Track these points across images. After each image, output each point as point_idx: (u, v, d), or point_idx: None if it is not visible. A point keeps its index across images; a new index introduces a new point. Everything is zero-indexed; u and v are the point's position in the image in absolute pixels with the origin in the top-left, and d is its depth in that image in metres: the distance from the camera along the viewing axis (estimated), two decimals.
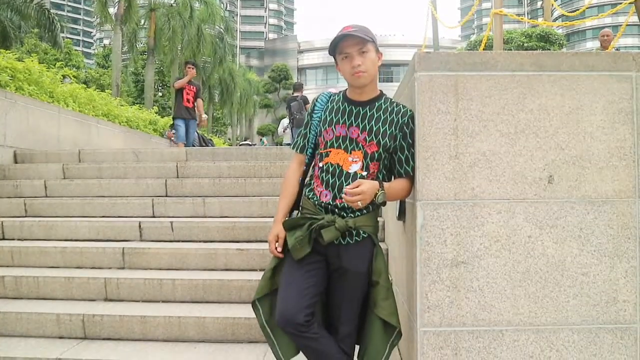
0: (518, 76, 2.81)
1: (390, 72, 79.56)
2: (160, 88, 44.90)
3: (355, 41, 2.78)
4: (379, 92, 2.98)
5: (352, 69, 2.82)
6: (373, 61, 2.85)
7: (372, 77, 2.89)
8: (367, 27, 2.85)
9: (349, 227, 2.84)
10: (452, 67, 2.78)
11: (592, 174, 2.81)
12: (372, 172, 2.88)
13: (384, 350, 2.94)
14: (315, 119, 3.06)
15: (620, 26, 28.10)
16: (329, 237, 2.81)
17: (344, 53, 2.83)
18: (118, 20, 28.83)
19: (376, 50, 2.85)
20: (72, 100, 10.68)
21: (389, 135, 2.85)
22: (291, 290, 2.88)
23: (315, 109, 3.08)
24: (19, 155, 8.07)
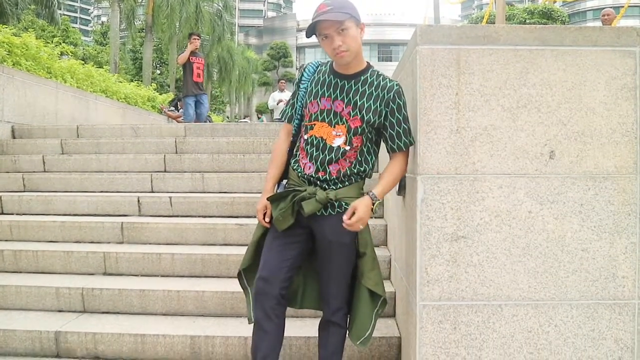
0: (520, 50, 2.79)
1: (389, 51, 79.28)
2: (159, 66, 44.70)
3: (331, 22, 2.72)
4: (365, 65, 2.94)
5: (333, 50, 2.78)
6: (354, 37, 2.79)
7: (356, 52, 2.84)
8: (346, 2, 2.79)
9: (329, 200, 2.86)
10: (455, 41, 2.76)
11: (593, 149, 2.80)
12: (356, 146, 2.88)
13: (370, 320, 3.00)
14: (302, 89, 3.04)
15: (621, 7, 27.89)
16: (309, 209, 2.83)
17: (323, 35, 2.78)
18: None
19: (357, 24, 2.79)
20: (70, 76, 10.62)
21: (372, 110, 2.83)
22: (271, 261, 2.96)
23: (302, 79, 3.06)
24: (17, 131, 8.04)
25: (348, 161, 2.90)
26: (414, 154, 2.89)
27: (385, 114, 2.85)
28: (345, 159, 2.89)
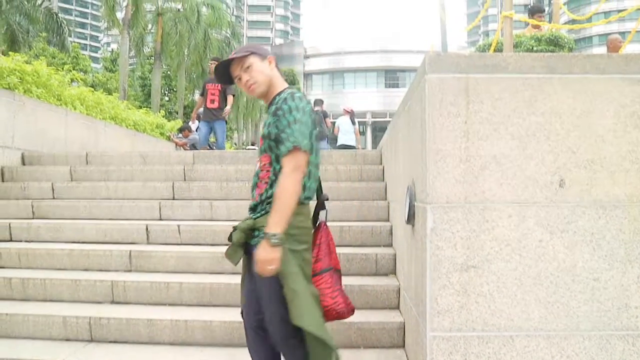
0: (529, 79, 2.79)
1: (396, 77, 79.55)
2: (167, 92, 44.99)
3: (236, 63, 2.90)
4: (279, 91, 2.93)
5: (245, 87, 2.91)
6: (260, 70, 2.88)
7: (266, 82, 2.90)
8: (249, 44, 2.99)
9: (249, 228, 2.79)
10: (463, 69, 2.76)
11: (603, 178, 2.79)
12: (264, 164, 2.84)
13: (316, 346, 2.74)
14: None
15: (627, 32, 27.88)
16: (234, 239, 2.81)
17: (236, 77, 2.95)
18: (125, 25, 28.87)
19: (261, 57, 2.89)
20: (79, 103, 10.69)
21: (268, 123, 2.81)
22: (243, 294, 3.04)
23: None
24: (27, 157, 8.08)
25: (264, 182, 2.81)
26: (423, 182, 2.88)
27: (274, 122, 2.75)
28: (261, 181, 2.82)
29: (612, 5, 76.43)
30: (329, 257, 2.98)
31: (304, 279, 2.72)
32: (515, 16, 5.35)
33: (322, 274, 2.93)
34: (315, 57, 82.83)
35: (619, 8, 73.46)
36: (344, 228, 5.58)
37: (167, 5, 32.46)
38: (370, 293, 4.59)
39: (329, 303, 2.89)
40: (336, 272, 3.01)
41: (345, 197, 6.44)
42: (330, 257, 2.99)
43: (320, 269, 2.94)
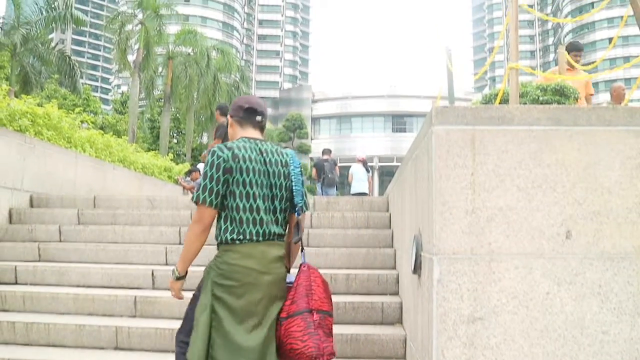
0: (535, 131, 2.81)
1: (403, 122, 79.99)
2: (175, 135, 45.36)
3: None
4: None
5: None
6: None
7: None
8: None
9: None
10: (469, 121, 2.79)
11: (610, 229, 2.78)
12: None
13: None
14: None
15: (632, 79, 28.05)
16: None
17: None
18: (136, 68, 29.36)
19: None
20: (89, 146, 10.81)
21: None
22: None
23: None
24: (35, 200, 8.13)
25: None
26: (429, 233, 2.88)
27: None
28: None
29: (617, 52, 77.18)
30: (307, 299, 2.99)
31: (209, 312, 2.96)
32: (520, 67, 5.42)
33: (294, 316, 2.95)
34: (323, 102, 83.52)
35: (624, 55, 74.10)
36: (350, 276, 5.56)
37: (178, 49, 32.96)
38: (377, 342, 4.55)
39: (299, 346, 2.91)
40: (319, 313, 3.00)
41: (352, 244, 6.44)
42: (310, 299, 2.99)
43: (294, 312, 2.97)
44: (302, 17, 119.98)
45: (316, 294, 3.02)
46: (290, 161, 3.17)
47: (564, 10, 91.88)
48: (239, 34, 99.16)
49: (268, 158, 3.09)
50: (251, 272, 2.96)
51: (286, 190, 3.13)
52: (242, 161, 2.99)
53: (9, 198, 7.66)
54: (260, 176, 3.04)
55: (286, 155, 3.19)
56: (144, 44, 28.91)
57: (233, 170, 2.97)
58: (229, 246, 3.01)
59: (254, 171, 3.01)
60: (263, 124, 3.23)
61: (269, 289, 3.00)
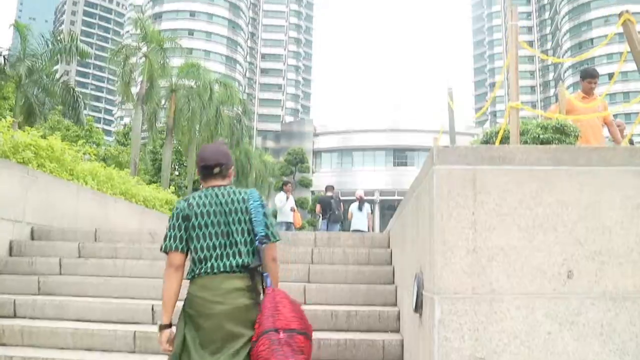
0: (535, 170, 2.83)
1: (404, 156, 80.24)
2: (177, 167, 45.48)
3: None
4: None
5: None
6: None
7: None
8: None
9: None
10: (470, 161, 2.82)
11: (612, 269, 2.79)
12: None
13: None
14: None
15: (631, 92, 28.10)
16: None
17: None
18: (139, 100, 29.53)
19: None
20: (91, 178, 10.82)
21: None
22: None
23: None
24: (36, 232, 8.13)
25: None
26: (430, 272, 2.88)
27: None
28: None
29: (617, 87, 77.59)
30: (272, 319, 3.10)
31: (182, 335, 3.24)
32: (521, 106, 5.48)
33: (261, 336, 3.08)
34: (325, 135, 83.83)
35: (624, 90, 74.47)
36: (351, 312, 5.53)
37: (181, 82, 33.21)
38: None
39: None
40: (287, 332, 3.08)
41: (353, 280, 6.41)
42: (275, 319, 3.10)
43: (260, 332, 3.10)
44: (305, 52, 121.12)
45: (282, 314, 3.13)
46: (248, 197, 3.43)
47: (563, 46, 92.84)
48: (241, 67, 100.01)
49: (224, 199, 3.39)
50: (205, 303, 3.20)
51: (245, 223, 3.37)
52: (196, 208, 3.35)
53: (10, 230, 7.67)
54: (216, 216, 3.34)
55: (245, 193, 3.46)
56: (148, 77, 29.14)
57: (190, 217, 3.34)
58: (191, 280, 3.33)
59: (209, 214, 3.34)
60: (223, 173, 3.50)
61: (226, 318, 3.17)
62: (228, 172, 3.54)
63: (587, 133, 7.05)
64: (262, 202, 3.45)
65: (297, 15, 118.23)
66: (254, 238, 3.36)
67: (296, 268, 6.65)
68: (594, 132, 7.18)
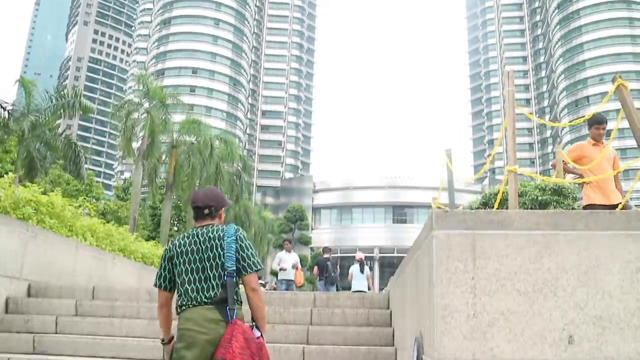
0: (534, 235, 2.85)
1: (404, 213, 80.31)
2: (176, 223, 45.42)
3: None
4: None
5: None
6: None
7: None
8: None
9: None
10: (469, 226, 2.84)
11: (613, 334, 2.77)
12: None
13: None
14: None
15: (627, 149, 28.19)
16: None
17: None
18: (140, 155, 29.68)
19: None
20: (90, 235, 10.81)
21: None
22: None
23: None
24: (33, 289, 8.07)
25: None
26: (430, 337, 2.87)
27: None
28: None
29: (614, 144, 78.11)
30: (224, 350, 3.36)
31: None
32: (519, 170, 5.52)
33: None
34: (324, 192, 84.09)
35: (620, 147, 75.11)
36: None
37: (182, 137, 33.44)
38: None
39: None
40: None
41: (352, 342, 6.34)
42: (226, 350, 3.37)
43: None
44: (305, 109, 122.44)
45: (232, 347, 3.37)
46: (224, 234, 3.67)
47: (560, 104, 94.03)
48: (242, 124, 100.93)
49: (202, 238, 3.68)
50: (190, 333, 3.47)
51: (219, 259, 3.62)
52: (178, 248, 3.73)
53: (7, 287, 7.62)
54: (193, 254, 3.66)
55: (221, 230, 3.70)
56: (149, 133, 29.37)
57: (173, 257, 3.72)
58: (179, 315, 3.63)
59: (187, 252, 3.68)
60: (213, 214, 3.83)
61: (208, 346, 3.42)
62: (218, 214, 3.86)
63: (600, 182, 6.70)
64: (237, 236, 3.68)
65: (297, 73, 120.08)
66: (222, 272, 3.60)
67: (295, 329, 6.58)
68: (605, 180, 6.73)
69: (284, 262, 14.60)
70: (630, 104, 5.68)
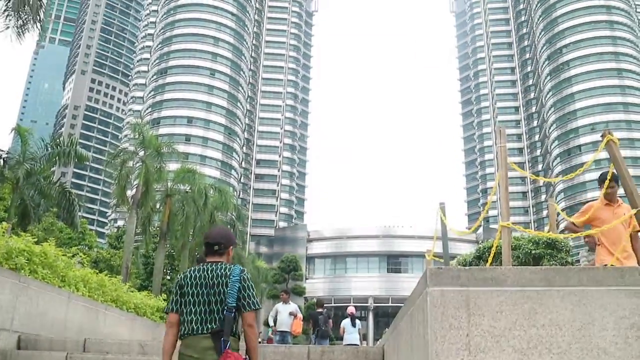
0: (528, 291, 2.87)
1: (398, 262, 79.98)
2: (169, 271, 45.07)
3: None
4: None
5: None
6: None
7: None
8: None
9: None
10: (463, 283, 2.85)
11: None
12: None
13: None
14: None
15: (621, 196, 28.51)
16: None
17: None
18: (134, 204, 29.61)
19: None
20: (82, 285, 10.72)
21: None
22: None
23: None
24: (23, 341, 7.95)
25: None
26: None
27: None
28: None
29: None
30: None
31: None
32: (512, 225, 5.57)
33: None
34: (318, 241, 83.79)
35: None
36: None
37: (177, 186, 33.47)
38: None
39: None
40: None
41: None
42: None
43: None
44: (299, 158, 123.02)
45: None
46: (230, 273, 4.11)
47: (553, 153, 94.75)
48: (236, 172, 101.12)
49: (212, 274, 4.12)
50: (188, 358, 3.94)
51: (223, 295, 4.06)
52: (189, 279, 4.16)
53: None
54: (202, 288, 4.09)
55: (229, 269, 4.14)
56: (144, 181, 29.36)
57: (183, 286, 4.16)
58: (181, 340, 4.07)
59: (197, 285, 4.10)
60: (221, 251, 4.27)
61: None
62: (226, 251, 4.29)
63: (613, 245, 6.32)
64: (241, 277, 4.12)
65: (292, 122, 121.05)
66: (224, 307, 4.04)
67: None
68: (619, 242, 6.29)
69: (280, 313, 14.53)
70: (620, 159, 5.75)
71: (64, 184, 28.91)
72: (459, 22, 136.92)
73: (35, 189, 25.54)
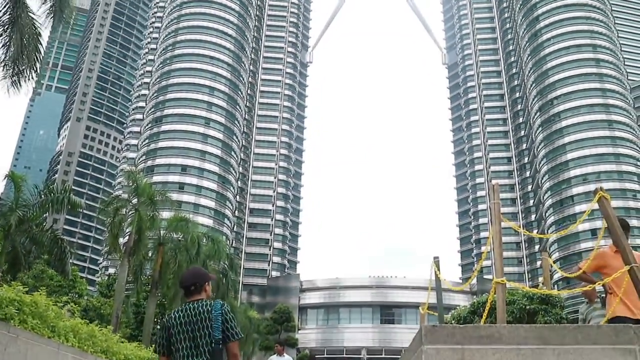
0: (523, 349, 2.87)
1: (391, 313, 79.27)
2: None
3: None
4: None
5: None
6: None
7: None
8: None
9: None
10: (459, 340, 2.85)
11: None
12: None
13: None
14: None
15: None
16: None
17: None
18: (126, 252, 29.42)
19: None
20: (72, 336, 10.57)
21: None
22: None
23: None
24: None
25: None
26: None
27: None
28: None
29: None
30: None
31: None
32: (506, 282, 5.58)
33: None
34: (311, 291, 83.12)
35: None
36: None
37: (169, 235, 33.32)
38: None
39: None
40: None
41: None
42: None
43: None
44: (293, 207, 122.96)
45: None
46: (212, 309, 4.54)
47: (545, 203, 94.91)
48: (230, 221, 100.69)
49: (194, 311, 4.56)
50: None
51: (207, 329, 4.48)
52: (174, 320, 4.61)
53: None
54: (185, 326, 4.53)
55: (209, 305, 4.58)
56: (137, 229, 29.21)
57: (169, 328, 4.60)
58: None
59: (181, 324, 4.54)
60: (198, 289, 4.70)
61: None
62: (203, 288, 4.72)
63: (625, 293, 5.99)
64: (222, 310, 4.55)
65: (285, 171, 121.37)
66: (211, 340, 4.45)
67: None
68: (631, 291, 5.91)
69: None
70: (612, 215, 5.78)
71: (56, 231, 28.73)
72: (451, 73, 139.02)
73: (27, 236, 25.35)
